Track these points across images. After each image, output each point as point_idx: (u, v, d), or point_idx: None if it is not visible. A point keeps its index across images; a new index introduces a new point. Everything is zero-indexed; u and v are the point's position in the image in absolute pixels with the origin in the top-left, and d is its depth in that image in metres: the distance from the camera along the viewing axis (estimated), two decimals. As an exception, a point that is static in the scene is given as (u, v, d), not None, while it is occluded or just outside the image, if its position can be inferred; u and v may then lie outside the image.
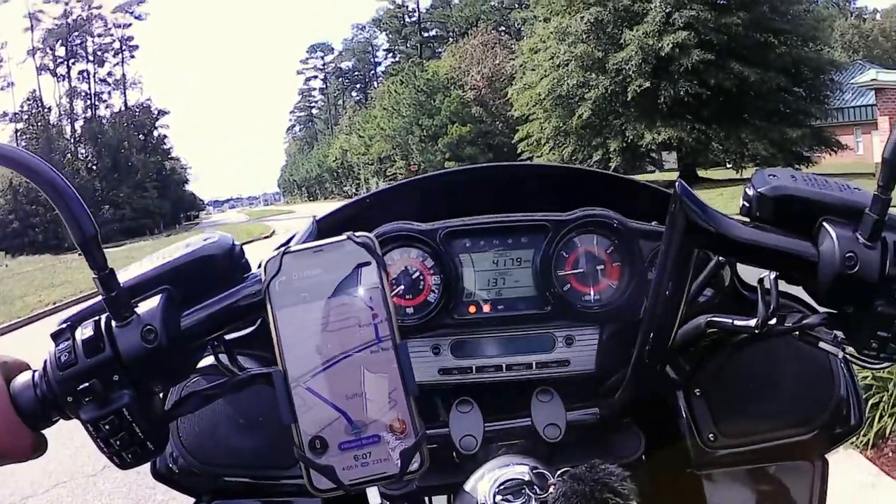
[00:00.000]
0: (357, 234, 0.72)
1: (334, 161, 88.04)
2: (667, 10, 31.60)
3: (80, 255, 0.72)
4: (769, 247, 0.80)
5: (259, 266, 0.77)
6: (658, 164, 41.69)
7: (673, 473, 1.20)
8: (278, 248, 0.75)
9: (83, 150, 75.51)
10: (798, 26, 32.56)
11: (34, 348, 0.83)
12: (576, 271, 1.21)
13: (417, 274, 1.21)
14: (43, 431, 0.80)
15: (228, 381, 0.80)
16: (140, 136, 79.44)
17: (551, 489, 0.85)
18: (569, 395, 1.18)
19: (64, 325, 0.77)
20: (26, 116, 73.92)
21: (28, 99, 75.81)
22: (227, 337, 0.83)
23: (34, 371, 0.79)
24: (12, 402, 0.76)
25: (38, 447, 0.79)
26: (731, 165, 34.94)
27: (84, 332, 0.75)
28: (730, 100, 31.50)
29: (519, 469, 0.94)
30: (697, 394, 1.17)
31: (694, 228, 0.80)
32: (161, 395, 0.82)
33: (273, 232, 37.83)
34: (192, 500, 1.23)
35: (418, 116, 57.32)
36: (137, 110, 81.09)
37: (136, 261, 0.83)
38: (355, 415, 0.69)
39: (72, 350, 0.74)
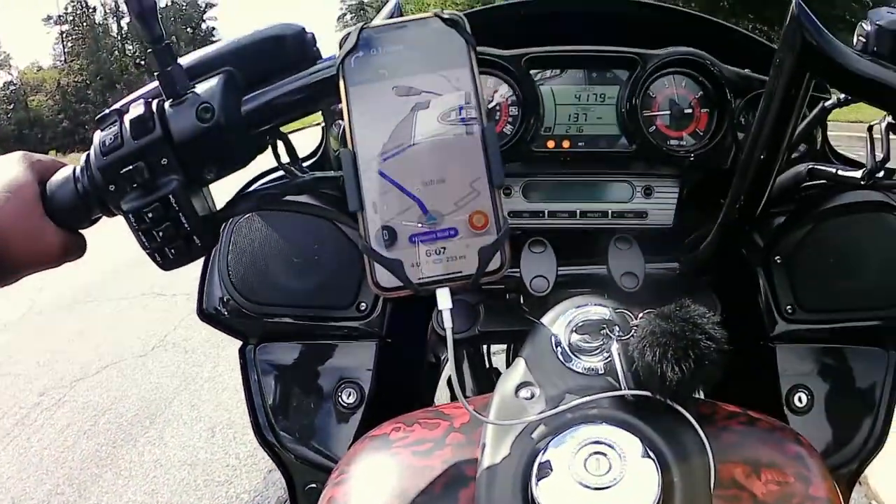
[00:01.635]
0: (445, 10, 0.65)
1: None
2: None
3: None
4: (887, 83, 0.70)
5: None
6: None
7: (745, 343, 1.08)
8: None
9: (130, 47, 75.33)
10: None
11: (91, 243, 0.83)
12: (662, 113, 1.13)
13: (495, 103, 1.12)
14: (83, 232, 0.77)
15: (290, 181, 0.78)
16: (188, 29, 78.49)
17: (633, 330, 0.77)
18: (647, 246, 1.13)
19: (112, 110, 0.72)
20: (71, 18, 72.76)
21: (72, 0, 75.98)
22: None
23: (75, 167, 0.74)
24: (47, 201, 0.72)
25: (74, 249, 0.75)
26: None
27: (134, 111, 0.69)
28: None
29: (598, 310, 0.83)
30: (778, 261, 1.11)
31: (810, 53, 0.71)
32: (212, 195, 0.78)
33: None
34: (239, 344, 1.20)
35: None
36: (185, 3, 79.47)
37: None
38: (431, 204, 0.62)
39: (118, 133, 0.68)
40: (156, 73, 0.69)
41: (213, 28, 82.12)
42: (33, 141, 55.16)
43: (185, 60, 0.72)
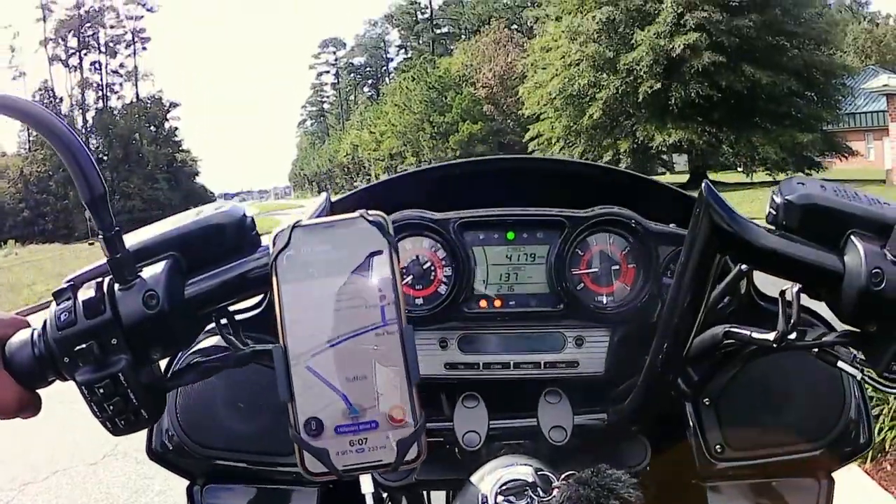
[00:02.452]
0: (370, 212, 0.70)
1: (345, 156, 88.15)
2: (678, 11, 31.70)
3: (90, 243, 0.70)
4: (794, 257, 0.76)
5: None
6: (668, 165, 41.89)
7: (677, 484, 1.19)
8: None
9: (94, 141, 75.52)
10: (810, 30, 32.58)
11: None
12: (590, 271, 1.18)
13: (429, 264, 1.18)
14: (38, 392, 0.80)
15: (230, 355, 0.80)
16: (151, 127, 79.48)
17: (555, 492, 0.83)
18: (577, 397, 1.16)
19: (66, 285, 0.76)
20: None
21: (40, 89, 75.63)
22: (236, 317, 0.82)
23: (33, 329, 0.78)
24: (7, 359, 0.76)
25: (30, 405, 0.78)
26: (741, 169, 34.92)
27: (86, 292, 0.74)
28: (741, 103, 31.53)
29: (523, 470, 0.91)
30: (706, 403, 1.14)
31: (719, 233, 0.77)
32: (160, 364, 0.81)
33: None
34: (187, 482, 1.22)
35: (429, 113, 57.50)
36: (149, 102, 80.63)
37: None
38: (355, 398, 0.67)
39: (72, 310, 0.73)
40: (106, 259, 0.73)
41: (176, 128, 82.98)
42: None
43: (133, 241, 0.77)
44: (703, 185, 0.79)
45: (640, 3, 33.50)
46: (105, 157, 71.77)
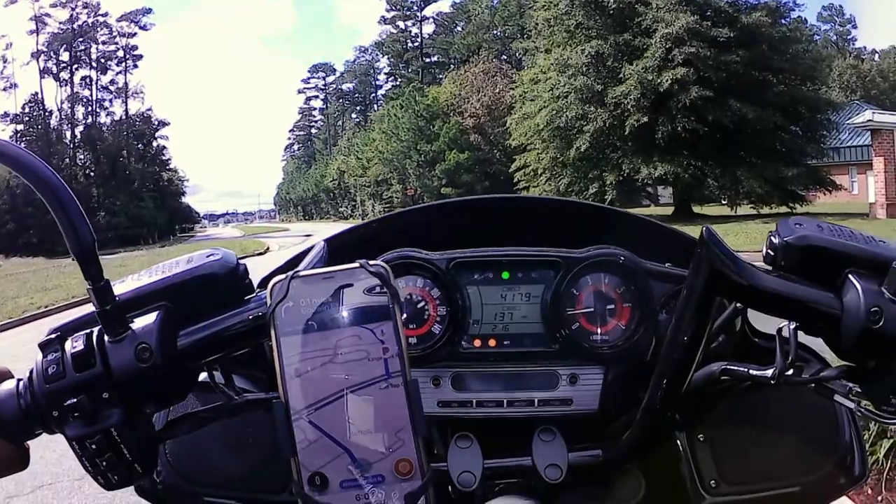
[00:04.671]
0: (371, 262, 0.68)
1: (331, 181, 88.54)
2: (667, 46, 31.96)
3: (74, 260, 0.68)
4: (793, 297, 0.77)
5: (260, 286, 0.76)
6: (653, 198, 42.06)
7: None
8: (279, 267, 0.73)
9: (82, 156, 75.47)
10: (796, 65, 32.95)
11: (23, 350, 0.72)
12: (585, 310, 1.17)
13: (422, 303, 1.18)
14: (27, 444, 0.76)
15: (224, 404, 0.78)
16: (139, 145, 79.59)
17: None
18: (571, 434, 1.15)
19: (53, 336, 0.73)
20: (27, 119, 73.58)
21: (30, 101, 75.55)
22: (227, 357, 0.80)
23: (19, 380, 0.74)
24: None
25: (18, 461, 0.74)
26: (725, 202, 35.04)
27: (74, 344, 0.71)
28: (727, 137, 31.71)
29: None
30: (701, 438, 1.14)
31: (718, 275, 0.78)
32: (152, 415, 0.78)
33: (267, 249, 37.75)
34: None
35: (417, 141, 57.78)
36: (138, 119, 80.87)
37: (129, 270, 0.77)
38: (359, 452, 0.64)
39: (60, 362, 0.70)
40: (97, 311, 0.71)
41: (164, 147, 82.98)
42: None
43: (122, 290, 0.75)
44: (703, 229, 0.80)
45: (628, 37, 33.79)
46: (92, 174, 71.70)
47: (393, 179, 62.46)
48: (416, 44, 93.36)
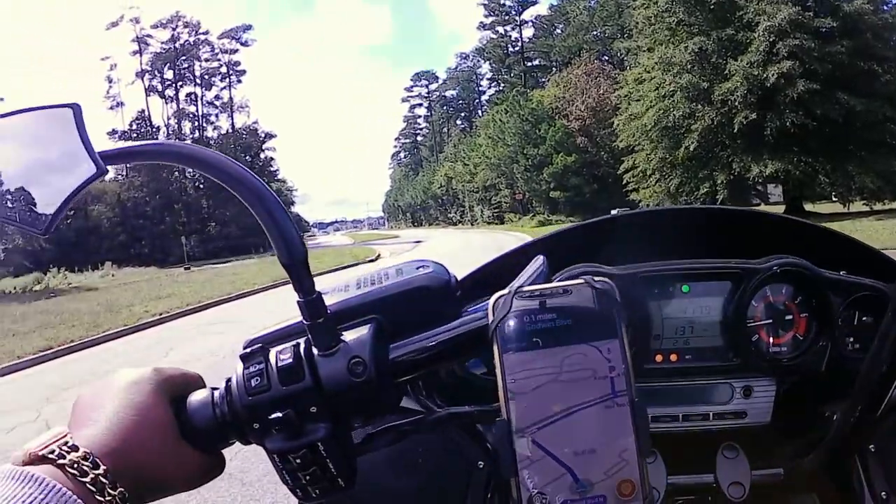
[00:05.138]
0: (596, 278, 0.67)
1: (439, 188, 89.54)
2: (770, 40, 31.32)
3: (185, 268, 0.91)
4: None
5: (480, 302, 0.76)
6: (764, 196, 40.91)
7: None
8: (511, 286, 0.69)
9: (190, 171, 77.42)
10: None
11: (138, 356, 1.02)
12: (764, 322, 1.15)
13: None
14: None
15: (426, 417, 0.80)
16: (247, 157, 79.05)
17: None
18: (752, 451, 1.14)
19: (255, 347, 0.72)
20: (135, 135, 75.06)
21: (137, 118, 77.81)
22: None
23: (213, 389, 0.74)
24: (182, 423, 0.72)
25: (212, 469, 0.74)
26: (836, 199, 33.94)
27: (281, 356, 0.70)
28: (836, 131, 30.74)
29: None
30: (872, 450, 1.09)
31: None
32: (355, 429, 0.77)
33: (378, 255, 37.69)
34: None
35: (523, 145, 57.95)
36: (244, 133, 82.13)
37: (241, 277, 1.12)
38: (582, 472, 0.62)
39: (264, 374, 0.69)
40: (306, 324, 0.71)
41: (272, 158, 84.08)
42: (90, 250, 56.03)
43: (331, 303, 0.74)
44: None
45: (731, 32, 33.17)
46: (201, 186, 72.91)
47: (501, 184, 62.96)
48: (516, 48, 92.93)
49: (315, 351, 0.71)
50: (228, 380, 0.72)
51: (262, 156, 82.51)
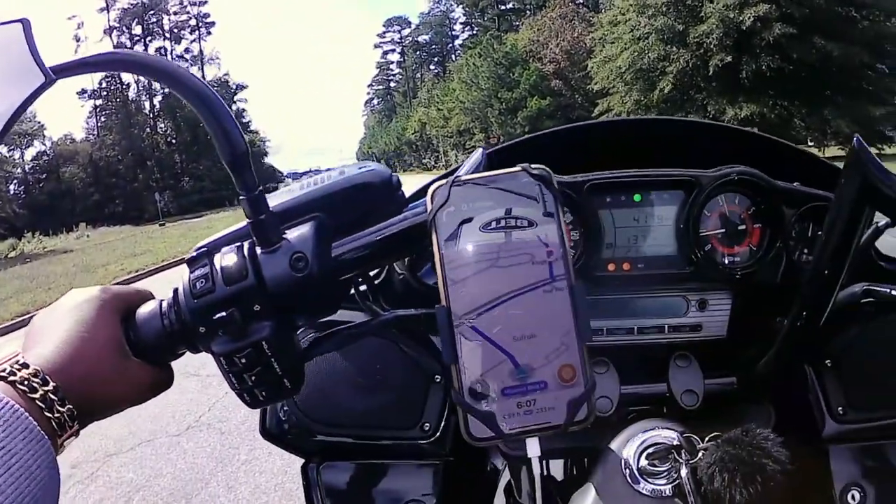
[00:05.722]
0: (533, 165, 0.67)
1: (413, 134, 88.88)
2: (748, -18, 30.91)
3: (160, 224, 1.03)
4: None
5: (410, 199, 0.77)
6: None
7: (800, 447, 1.07)
8: (443, 176, 0.72)
9: (162, 125, 76.05)
10: (881, 0, 31.27)
11: None
12: (718, 231, 1.16)
13: None
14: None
15: (371, 321, 0.80)
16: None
17: (701, 454, 0.82)
18: (705, 362, 1.14)
19: (200, 251, 0.73)
20: (105, 93, 74.90)
21: (106, 76, 75.70)
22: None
23: (161, 300, 0.74)
24: (131, 338, 0.73)
25: (161, 382, 0.75)
26: (812, 143, 33.74)
27: (225, 258, 0.70)
28: (812, 76, 30.83)
29: (666, 433, 0.88)
30: (828, 364, 1.10)
31: (870, 189, 0.75)
32: (300, 328, 0.78)
33: None
34: (296, 458, 1.20)
35: (497, 89, 57.49)
36: (216, 85, 79.62)
37: (215, 230, 0.78)
38: (522, 358, 0.63)
39: (209, 276, 0.70)
40: (248, 221, 0.71)
41: (244, 110, 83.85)
42: (64, 212, 55.93)
43: (274, 203, 0.74)
44: (854, 139, 0.78)
45: (708, -26, 32.82)
46: (173, 141, 72.66)
47: (475, 129, 62.33)
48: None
49: (258, 250, 0.71)
50: (176, 289, 0.73)
51: (233, 107, 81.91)
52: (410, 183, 1.03)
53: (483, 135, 60.76)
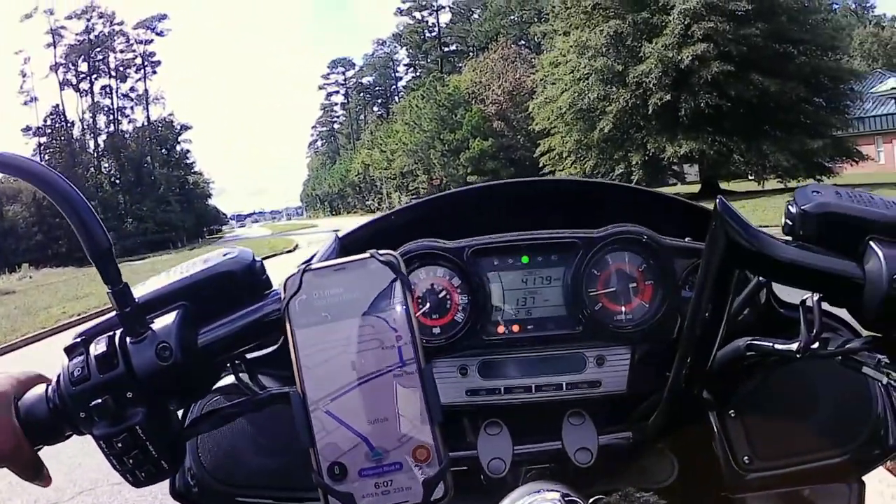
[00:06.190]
0: (381, 252, 0.70)
1: (356, 175, 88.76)
2: (685, 23, 31.69)
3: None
4: (813, 268, 0.75)
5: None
6: (680, 176, 41.64)
7: (706, 497, 1.19)
8: (300, 265, 0.75)
9: (106, 165, 76.10)
10: (817, 36, 32.42)
11: (56, 359, 0.84)
12: (607, 290, 1.17)
13: (444, 293, 1.17)
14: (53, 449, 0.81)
15: (247, 400, 0.81)
16: (163, 150, 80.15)
17: None
18: (600, 417, 1.16)
19: (78, 340, 0.77)
20: (49, 131, 74.47)
21: (51, 113, 76.34)
22: (250, 356, 0.84)
23: (48, 384, 0.78)
24: (22, 416, 0.76)
25: (30, 464, 0.79)
26: (752, 177, 34.70)
27: (98, 347, 0.74)
28: (750, 111, 31.39)
29: (550, 496, 0.89)
30: (732, 415, 1.13)
31: (735, 248, 0.76)
32: (178, 412, 0.83)
33: (296, 246, 37.95)
34: None
35: (440, 131, 57.84)
36: (160, 125, 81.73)
37: (156, 273, 0.85)
38: (377, 440, 0.66)
39: (85, 365, 0.74)
40: (117, 314, 0.74)
41: (188, 151, 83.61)
42: (7, 251, 55.14)
43: (141, 293, 0.78)
44: (716, 200, 0.79)
45: (647, 15, 33.54)
46: (117, 181, 72.22)
47: (418, 170, 62.52)
48: (433, 33, 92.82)
49: (128, 339, 0.75)
50: (59, 374, 0.76)
51: (178, 148, 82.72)
52: (355, 225, 1.23)
53: (426, 176, 61.09)
